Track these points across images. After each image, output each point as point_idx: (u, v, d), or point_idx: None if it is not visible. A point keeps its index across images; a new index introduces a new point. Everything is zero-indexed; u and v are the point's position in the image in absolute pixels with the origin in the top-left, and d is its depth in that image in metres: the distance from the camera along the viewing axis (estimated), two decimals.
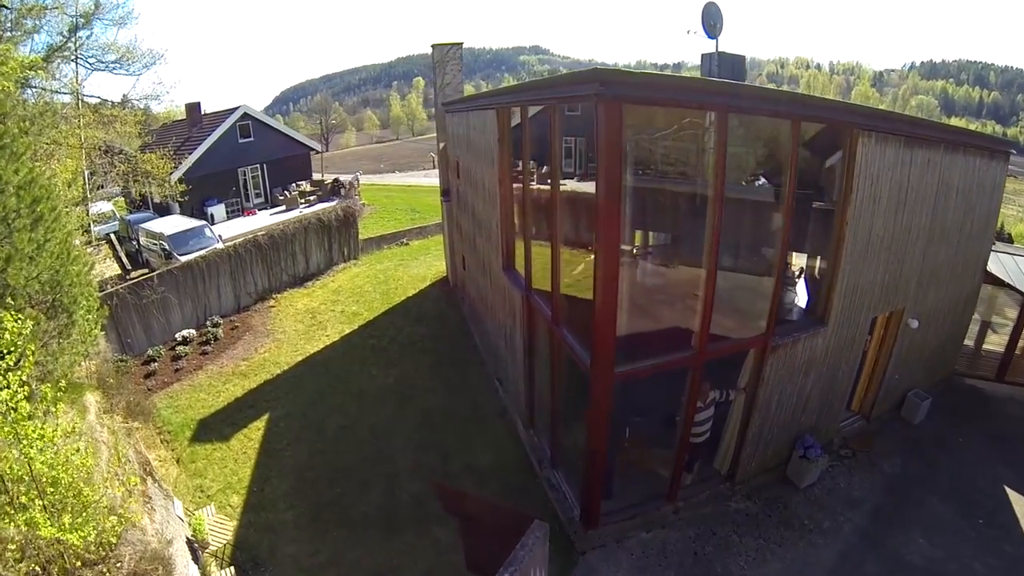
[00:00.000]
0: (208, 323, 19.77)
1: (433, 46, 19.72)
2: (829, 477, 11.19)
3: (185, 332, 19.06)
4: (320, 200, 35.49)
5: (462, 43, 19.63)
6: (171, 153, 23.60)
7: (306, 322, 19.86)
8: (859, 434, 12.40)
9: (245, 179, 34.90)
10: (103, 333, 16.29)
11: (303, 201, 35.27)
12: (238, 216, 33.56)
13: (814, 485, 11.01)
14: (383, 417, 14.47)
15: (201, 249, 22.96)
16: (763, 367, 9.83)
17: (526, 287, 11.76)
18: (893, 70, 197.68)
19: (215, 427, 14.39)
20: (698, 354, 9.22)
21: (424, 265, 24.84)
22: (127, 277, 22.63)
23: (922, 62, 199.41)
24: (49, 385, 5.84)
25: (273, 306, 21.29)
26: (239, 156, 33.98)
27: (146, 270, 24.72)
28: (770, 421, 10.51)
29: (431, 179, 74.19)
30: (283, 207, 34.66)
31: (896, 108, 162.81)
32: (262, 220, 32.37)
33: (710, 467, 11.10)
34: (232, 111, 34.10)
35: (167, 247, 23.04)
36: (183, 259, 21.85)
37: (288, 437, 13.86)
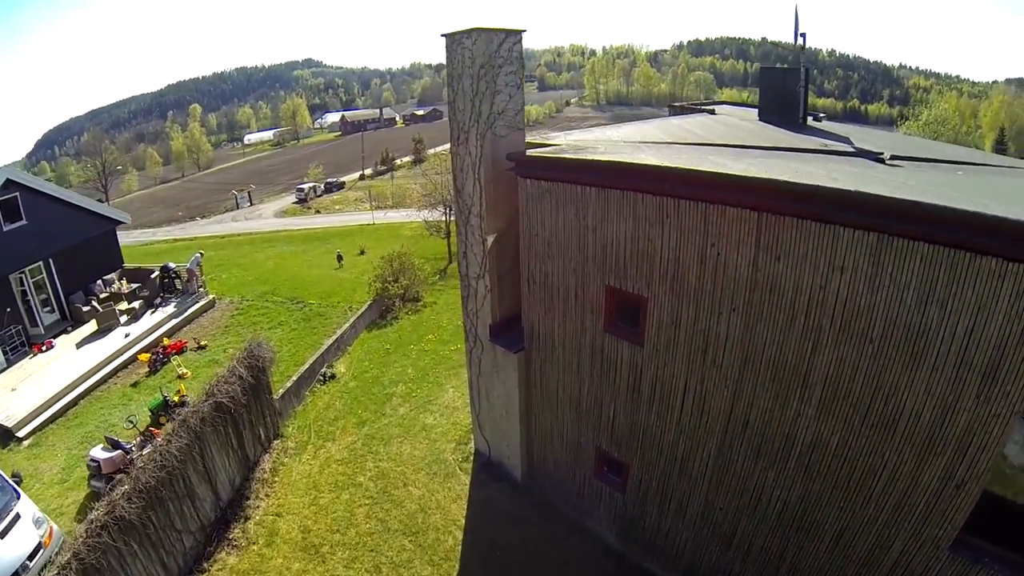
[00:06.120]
0: None
1: (459, 36, 9.68)
2: None
3: None
4: (150, 306, 22.54)
5: (523, 31, 9.86)
6: None
7: None
8: None
9: (24, 289, 20.69)
10: None
11: (124, 312, 21.91)
12: (23, 356, 19.31)
13: None
14: None
15: None
16: None
17: None
18: (664, 50, 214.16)
19: None
20: None
21: (415, 427, 14.59)
22: None
23: (688, 41, 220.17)
24: None
25: None
26: (7, 254, 19.86)
27: None
28: None
29: (242, 223, 60.67)
30: (93, 326, 21.03)
31: (676, 86, 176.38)
32: (68, 361, 18.77)
33: None
34: None
35: None
36: None
37: None
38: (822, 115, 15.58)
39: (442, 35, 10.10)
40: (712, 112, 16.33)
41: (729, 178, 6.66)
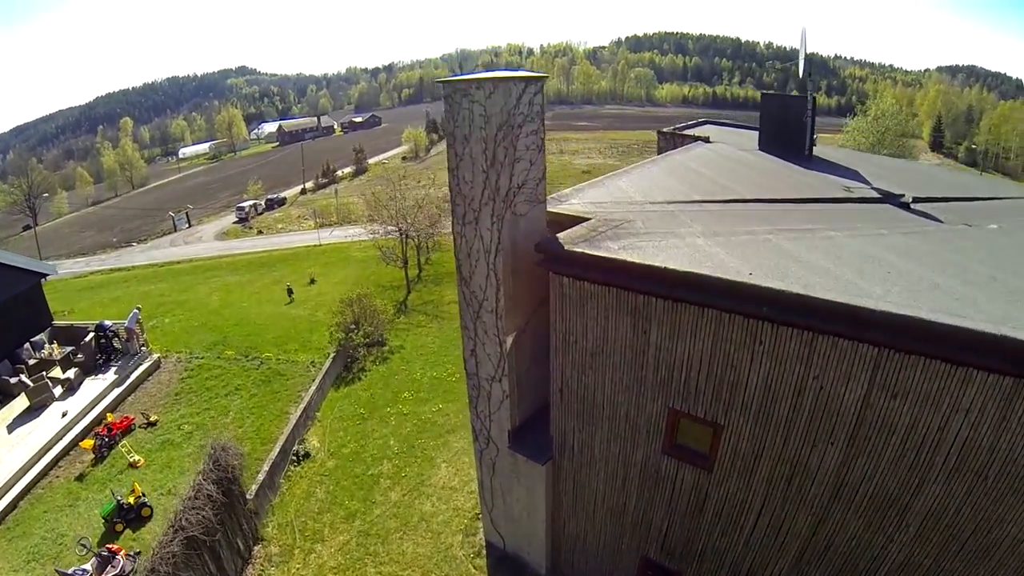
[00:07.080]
0: None
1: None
2: None
3: None
4: (86, 371, 20.02)
5: (545, 77, 8.46)
6: None
7: None
8: None
9: None
10: None
11: (58, 383, 19.33)
12: None
13: None
14: None
15: None
16: None
17: None
18: (603, 47, 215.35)
19: None
20: None
21: (412, 517, 13.01)
22: None
23: (627, 37, 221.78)
24: None
25: None
26: None
27: None
28: None
29: (181, 248, 56.95)
30: (24, 402, 18.41)
31: (617, 83, 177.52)
32: (0, 451, 16.23)
33: None
34: None
35: None
36: None
37: None
38: (815, 137, 14.79)
39: (439, 82, 8.58)
40: (707, 140, 15.31)
41: (848, 309, 5.50)
